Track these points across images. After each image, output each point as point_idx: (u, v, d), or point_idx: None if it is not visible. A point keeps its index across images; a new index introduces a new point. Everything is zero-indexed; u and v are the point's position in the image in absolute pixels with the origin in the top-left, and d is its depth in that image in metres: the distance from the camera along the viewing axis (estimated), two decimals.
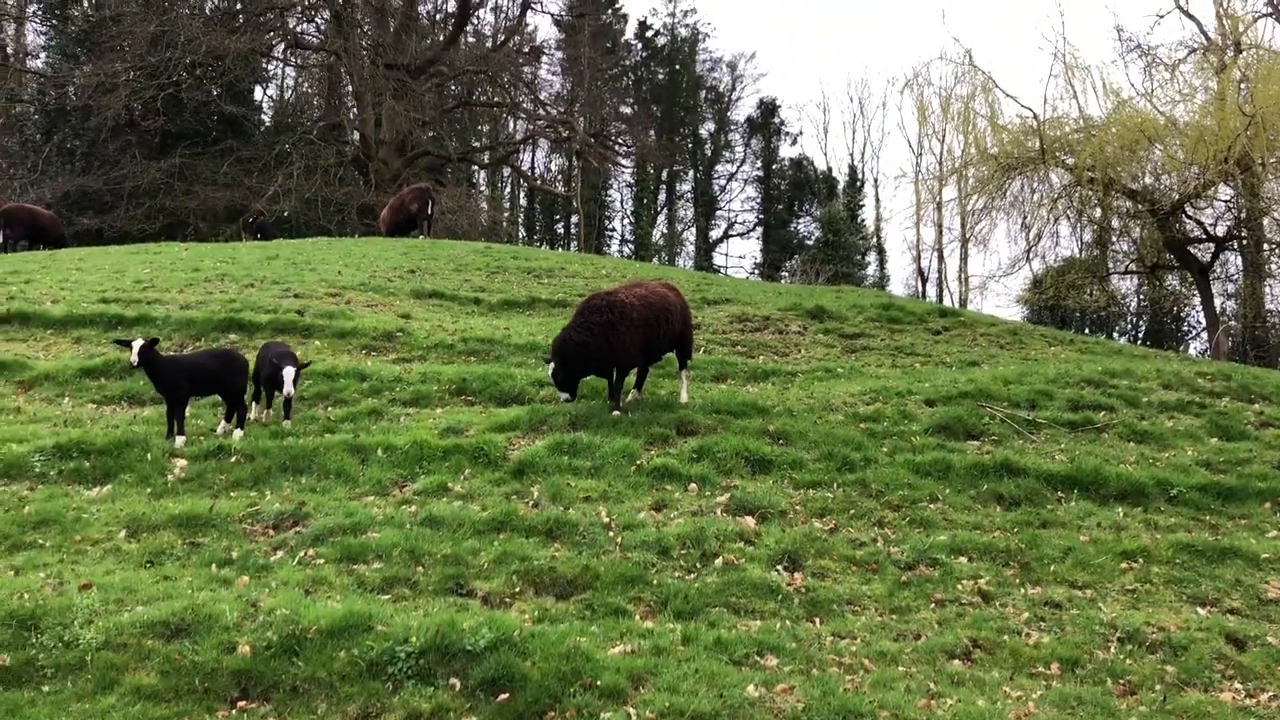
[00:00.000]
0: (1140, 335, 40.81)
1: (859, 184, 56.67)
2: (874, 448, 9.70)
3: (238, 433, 9.62)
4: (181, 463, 8.88)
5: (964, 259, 45.30)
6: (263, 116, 43.11)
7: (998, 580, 7.53)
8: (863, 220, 54.85)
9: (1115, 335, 40.32)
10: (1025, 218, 26.95)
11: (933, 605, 7.15)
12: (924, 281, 48.61)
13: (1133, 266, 31.87)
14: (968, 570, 7.62)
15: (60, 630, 6.05)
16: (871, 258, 54.33)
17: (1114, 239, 31.17)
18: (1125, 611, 7.14)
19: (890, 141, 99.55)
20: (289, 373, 9.54)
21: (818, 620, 6.86)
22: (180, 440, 9.26)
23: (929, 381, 11.85)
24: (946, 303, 40.64)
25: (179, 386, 9.36)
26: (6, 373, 11.44)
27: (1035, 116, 25.13)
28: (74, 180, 33.10)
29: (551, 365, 10.21)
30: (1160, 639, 6.71)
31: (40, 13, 38.71)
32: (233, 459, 8.96)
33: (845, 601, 7.10)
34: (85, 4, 37.94)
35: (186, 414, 9.60)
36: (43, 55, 39.55)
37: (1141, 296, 38.75)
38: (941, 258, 47.82)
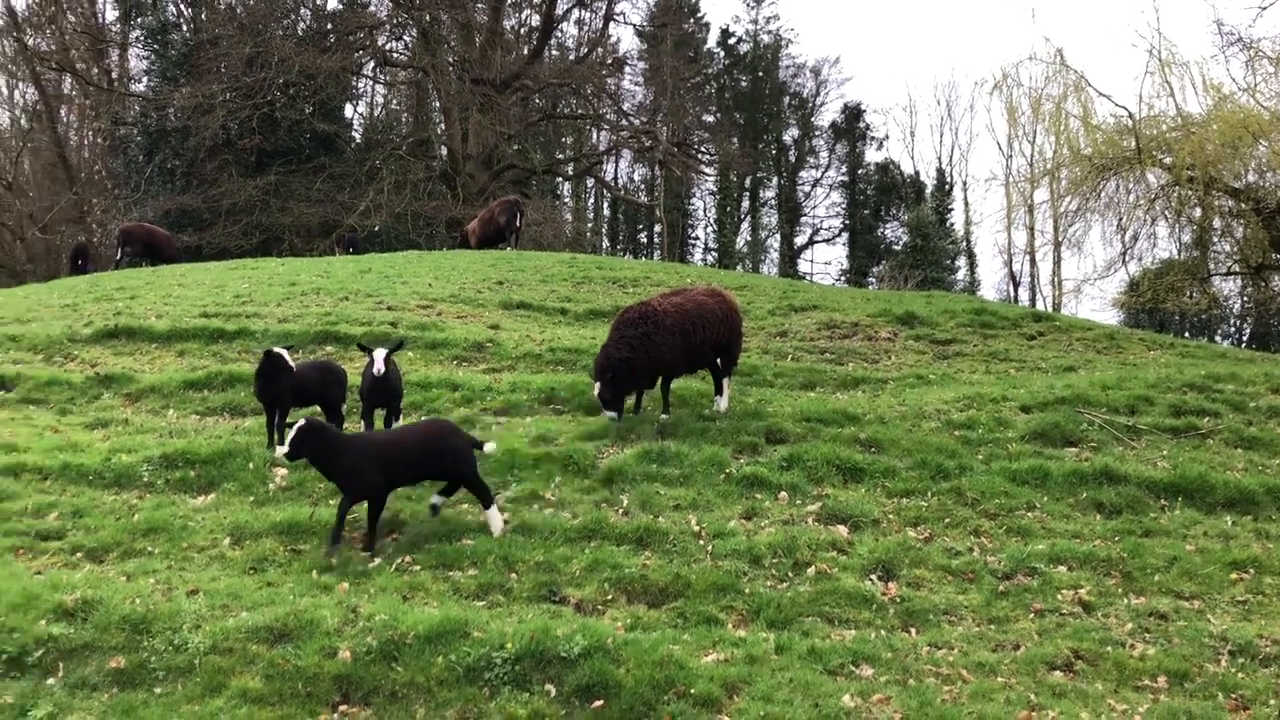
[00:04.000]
0: (1245, 339, 39.42)
1: (947, 187, 55.80)
2: (969, 455, 9.53)
3: None
4: (282, 471, 9.11)
5: (1057, 262, 44.22)
6: (353, 133, 44.09)
7: (1099, 590, 7.33)
8: (951, 224, 53.96)
9: (1218, 339, 39.01)
10: (1121, 219, 26.24)
11: (1032, 615, 6.99)
12: (1016, 286, 47.70)
13: (1236, 267, 30.79)
14: (1068, 580, 7.44)
15: (170, 634, 6.25)
16: (961, 262, 53.38)
17: (1215, 239, 30.16)
18: (1236, 623, 6.89)
19: (979, 144, 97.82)
20: (380, 353, 9.53)
21: (913, 630, 6.76)
22: (281, 450, 9.49)
23: (1024, 388, 11.61)
24: (1040, 307, 39.74)
25: (281, 396, 9.61)
26: (115, 385, 11.87)
27: (1130, 115, 24.48)
28: (174, 199, 34.25)
29: (597, 386, 9.94)
30: (1274, 652, 6.47)
31: (143, 38, 40.15)
32: None
33: (941, 611, 6.99)
34: (184, 28, 39.30)
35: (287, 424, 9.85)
36: (145, 79, 41.01)
37: (1245, 298, 37.38)
38: (1034, 261, 46.84)
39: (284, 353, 9.50)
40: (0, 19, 39.76)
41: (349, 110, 44.97)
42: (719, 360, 10.87)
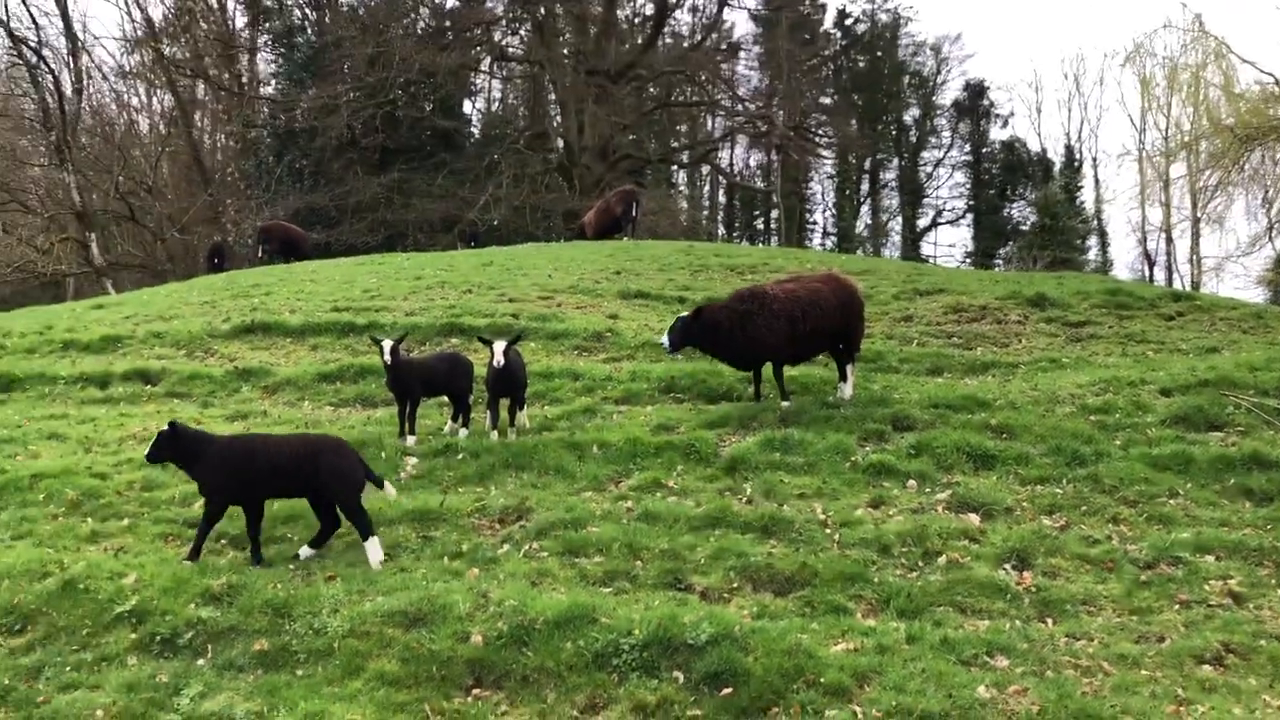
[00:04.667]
0: None
1: (1076, 164, 53.81)
2: (1106, 441, 9.18)
3: (463, 431, 10.04)
4: (413, 460, 9.34)
5: (1195, 239, 42.35)
6: (472, 129, 44.89)
7: (1250, 581, 6.97)
8: (1081, 203, 52.02)
9: None
10: (1267, 192, 25.00)
11: (1177, 606, 6.70)
12: (1151, 265, 45.83)
13: None
14: (1215, 570, 7.10)
15: (310, 618, 6.47)
16: (1092, 241, 51.40)
17: None
18: None
19: (1109, 119, 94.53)
20: (499, 344, 9.64)
21: (1050, 621, 6.55)
22: (411, 439, 9.74)
23: (1164, 370, 11.13)
24: (1177, 286, 38.10)
25: (411, 387, 9.85)
26: (253, 379, 12.35)
27: (1277, 82, 23.27)
28: (303, 197, 35.41)
29: (679, 319, 10.15)
30: None
31: (270, 43, 41.60)
32: (459, 457, 9.36)
33: (1079, 601, 6.75)
34: (309, 32, 40.55)
35: (417, 414, 10.09)
36: (273, 82, 42.55)
37: None
38: (1170, 239, 44.89)
39: (386, 345, 9.66)
40: (139, 30, 41.68)
41: (467, 106, 45.88)
42: (841, 346, 10.70)
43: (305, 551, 7.67)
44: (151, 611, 6.56)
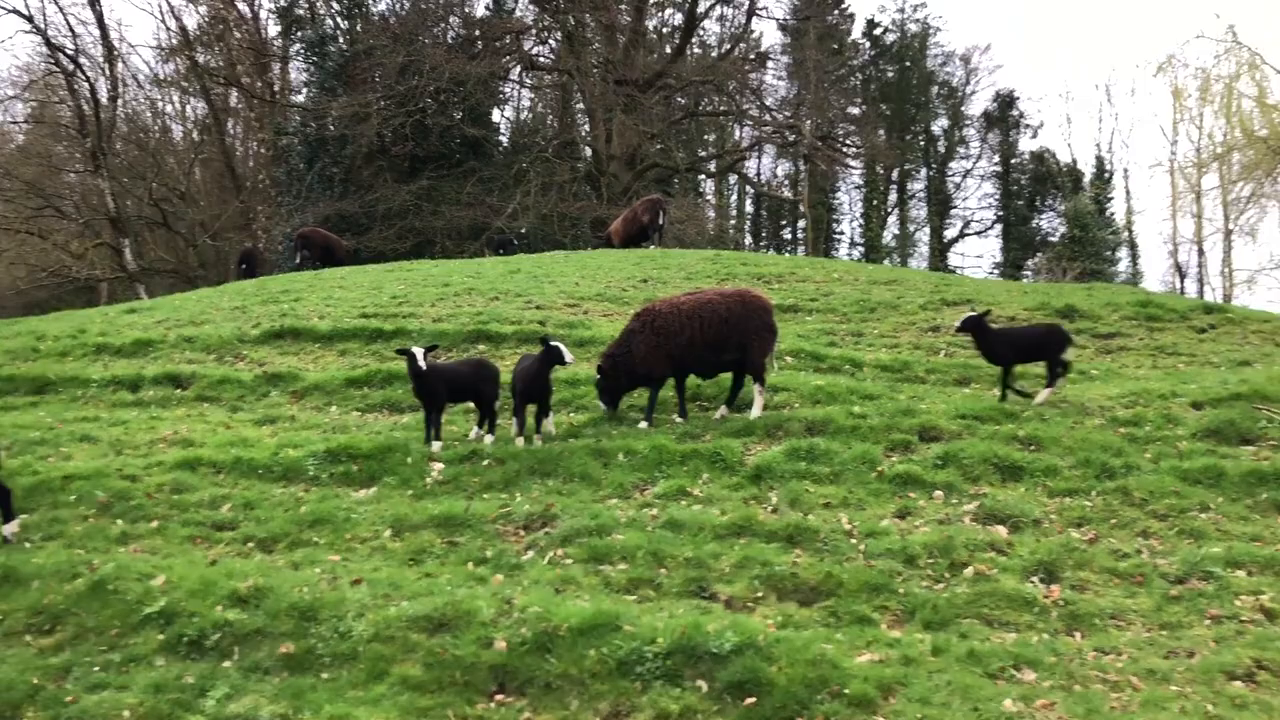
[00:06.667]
0: None
1: (1107, 176, 53.33)
2: (1135, 453, 9.09)
3: (489, 438, 10.07)
4: (439, 466, 9.37)
5: (1227, 251, 41.92)
6: (501, 138, 45.02)
7: None
8: (1112, 214, 51.57)
9: None
10: None
11: (1207, 622, 6.62)
12: (1182, 277, 45.37)
13: None
14: (1247, 585, 7.01)
15: (335, 622, 6.50)
16: (1123, 253, 50.91)
17: None
18: None
19: (1141, 130, 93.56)
20: (563, 346, 9.89)
21: (1078, 635, 6.49)
22: (437, 445, 9.78)
23: (1195, 383, 11.00)
24: (1208, 299, 37.70)
25: (437, 393, 9.89)
26: (282, 384, 12.44)
27: None
28: (333, 204, 35.63)
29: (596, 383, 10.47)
30: None
31: (302, 51, 41.91)
32: (485, 463, 9.39)
33: (1108, 615, 6.69)
34: (341, 40, 40.83)
35: (442, 420, 10.13)
36: (304, 90, 42.86)
37: None
38: (1201, 251, 44.45)
39: (418, 352, 9.74)
40: (174, 38, 42.15)
41: (496, 114, 45.99)
42: (739, 360, 10.52)
43: None
44: (179, 613, 6.61)
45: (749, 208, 58.92)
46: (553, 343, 9.89)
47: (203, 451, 9.81)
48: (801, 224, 54.77)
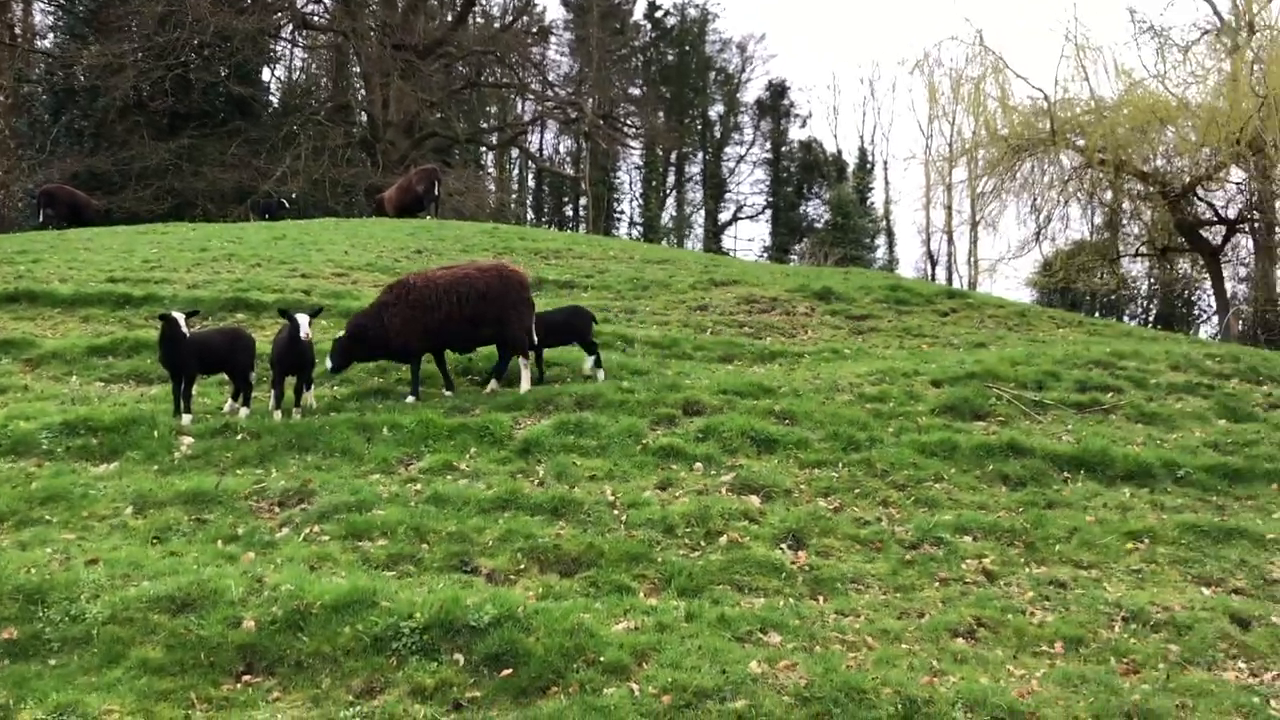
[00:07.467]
0: (1151, 319, 40.57)
1: (869, 166, 56.39)
2: (880, 428, 9.68)
3: (244, 410, 9.65)
4: (188, 440, 8.91)
5: (974, 241, 45.09)
6: (270, 98, 43.03)
7: (1002, 559, 7.52)
8: (872, 203, 54.63)
9: (1125, 318, 40.10)
10: (1035, 200, 26.88)
11: (937, 584, 7.14)
12: (933, 264, 48.54)
13: (1144, 249, 31.75)
14: (972, 549, 7.61)
15: (67, 605, 6.08)
16: (881, 240, 54.08)
17: (1125, 221, 31.04)
18: (1130, 591, 7.12)
19: (900, 123, 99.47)
20: (304, 317, 9.46)
21: (821, 598, 6.86)
22: (187, 418, 9.29)
23: (936, 362, 11.81)
24: (956, 285, 40.46)
25: (188, 363, 9.38)
26: (14, 351, 11.49)
27: (1046, 98, 25.04)
28: (82, 160, 33.10)
29: (336, 341, 10.24)
30: (1165, 619, 6.69)
31: None
32: (239, 437, 8.99)
33: (849, 580, 7.10)
34: None
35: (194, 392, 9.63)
36: (50, 36, 39.57)
37: (1152, 280, 38.46)
38: (951, 240, 47.80)
39: (179, 317, 9.25)
40: None
41: (266, 74, 43.85)
42: (499, 337, 10.63)
43: None
44: None
45: (531, 183, 58.81)
46: (297, 315, 9.49)
47: None
48: (583, 201, 55.11)
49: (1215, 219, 26.18)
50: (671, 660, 5.76)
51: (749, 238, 73.69)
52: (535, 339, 10.68)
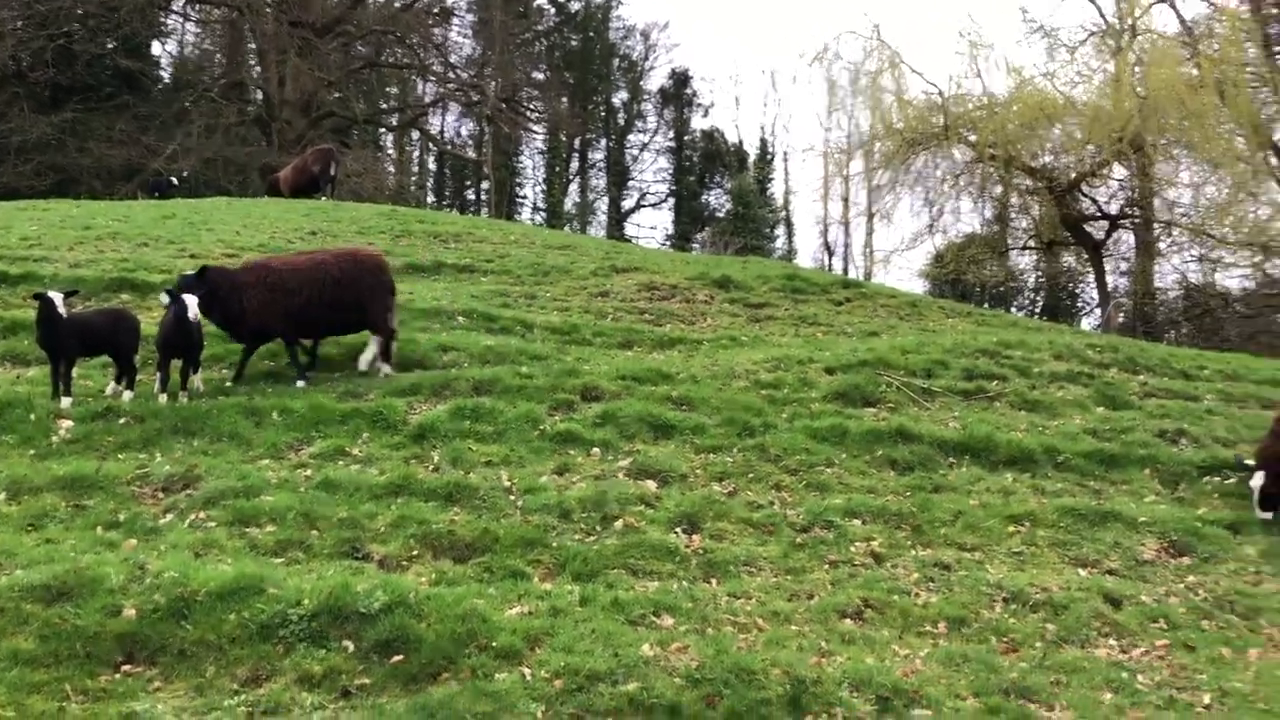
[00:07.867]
0: (1037, 310, 41.93)
1: (769, 157, 56.89)
2: (774, 414, 9.82)
3: (128, 394, 9.34)
4: (67, 423, 8.59)
5: (869, 233, 45.89)
6: (161, 72, 41.64)
7: (890, 542, 7.71)
8: (772, 194, 55.17)
9: (1013, 310, 41.36)
10: (928, 193, 27.57)
11: (826, 566, 7.29)
12: (830, 255, 49.26)
13: (1031, 243, 32.80)
14: (861, 533, 7.79)
15: None
16: (780, 230, 54.64)
17: (1014, 215, 31.98)
18: (1011, 572, 7.38)
19: (800, 116, 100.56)
20: (192, 299, 9.19)
21: (714, 581, 6.94)
22: (67, 401, 8.96)
23: (829, 350, 12.02)
24: (851, 276, 41.20)
25: (68, 345, 9.04)
26: None
27: (940, 93, 25.67)
28: None
29: (183, 277, 10.02)
30: (1043, 599, 6.96)
31: None
32: (122, 420, 8.70)
33: (741, 563, 7.21)
34: None
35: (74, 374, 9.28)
36: None
37: (1039, 272, 39.79)
38: (848, 231, 48.50)
39: (57, 297, 8.90)
40: None
41: (157, 48, 42.43)
42: (367, 323, 10.53)
43: None
44: None
45: (432, 166, 57.97)
46: (185, 296, 9.23)
47: None
48: (485, 185, 54.51)
49: (1099, 214, 27.18)
50: (564, 644, 5.77)
51: (651, 225, 73.40)
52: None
